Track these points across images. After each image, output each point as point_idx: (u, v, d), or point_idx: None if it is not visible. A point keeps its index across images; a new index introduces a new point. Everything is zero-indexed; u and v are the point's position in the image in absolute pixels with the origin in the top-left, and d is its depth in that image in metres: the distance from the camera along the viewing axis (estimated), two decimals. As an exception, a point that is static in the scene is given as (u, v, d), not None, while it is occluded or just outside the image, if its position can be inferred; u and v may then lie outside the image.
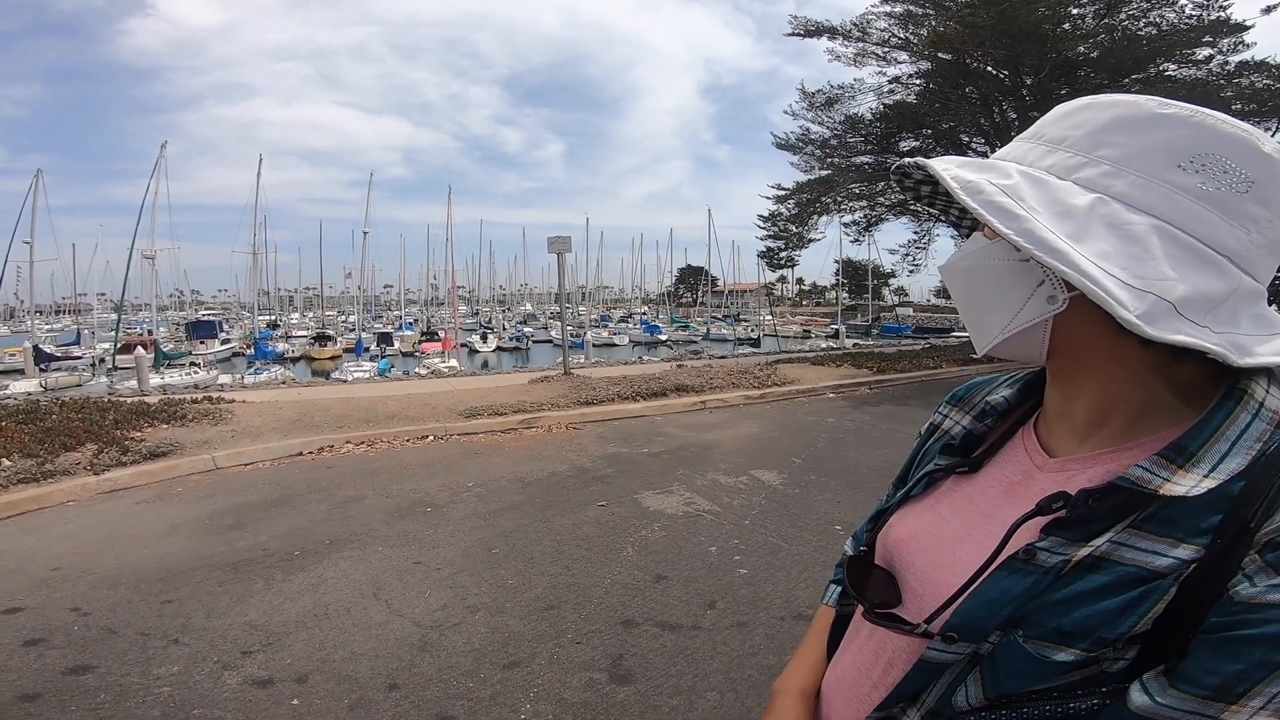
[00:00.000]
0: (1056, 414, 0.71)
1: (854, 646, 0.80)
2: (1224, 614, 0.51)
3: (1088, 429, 0.67)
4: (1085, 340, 0.62)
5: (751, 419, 8.87)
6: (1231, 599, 0.51)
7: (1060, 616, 0.56)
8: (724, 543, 4.49)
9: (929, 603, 0.66)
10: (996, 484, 0.73)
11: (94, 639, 3.44)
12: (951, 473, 0.78)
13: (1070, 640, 0.55)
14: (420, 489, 5.84)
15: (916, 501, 0.79)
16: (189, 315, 57.92)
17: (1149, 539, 0.55)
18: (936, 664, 0.63)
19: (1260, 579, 0.51)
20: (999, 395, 0.82)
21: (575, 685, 2.94)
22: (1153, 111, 0.60)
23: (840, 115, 18.60)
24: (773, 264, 23.61)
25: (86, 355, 32.96)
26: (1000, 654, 0.58)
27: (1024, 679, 0.57)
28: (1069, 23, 14.84)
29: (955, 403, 0.89)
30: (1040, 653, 0.56)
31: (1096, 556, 0.56)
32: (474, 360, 37.14)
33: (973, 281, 0.68)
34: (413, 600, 3.76)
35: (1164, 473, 0.56)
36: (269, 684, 3.00)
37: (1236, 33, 14.59)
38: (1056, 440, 0.70)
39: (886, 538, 0.78)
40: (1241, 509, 0.53)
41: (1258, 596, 0.50)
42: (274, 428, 7.85)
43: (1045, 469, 0.69)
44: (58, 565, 4.40)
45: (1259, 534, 0.52)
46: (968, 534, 0.70)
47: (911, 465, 0.90)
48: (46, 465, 6.19)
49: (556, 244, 11.92)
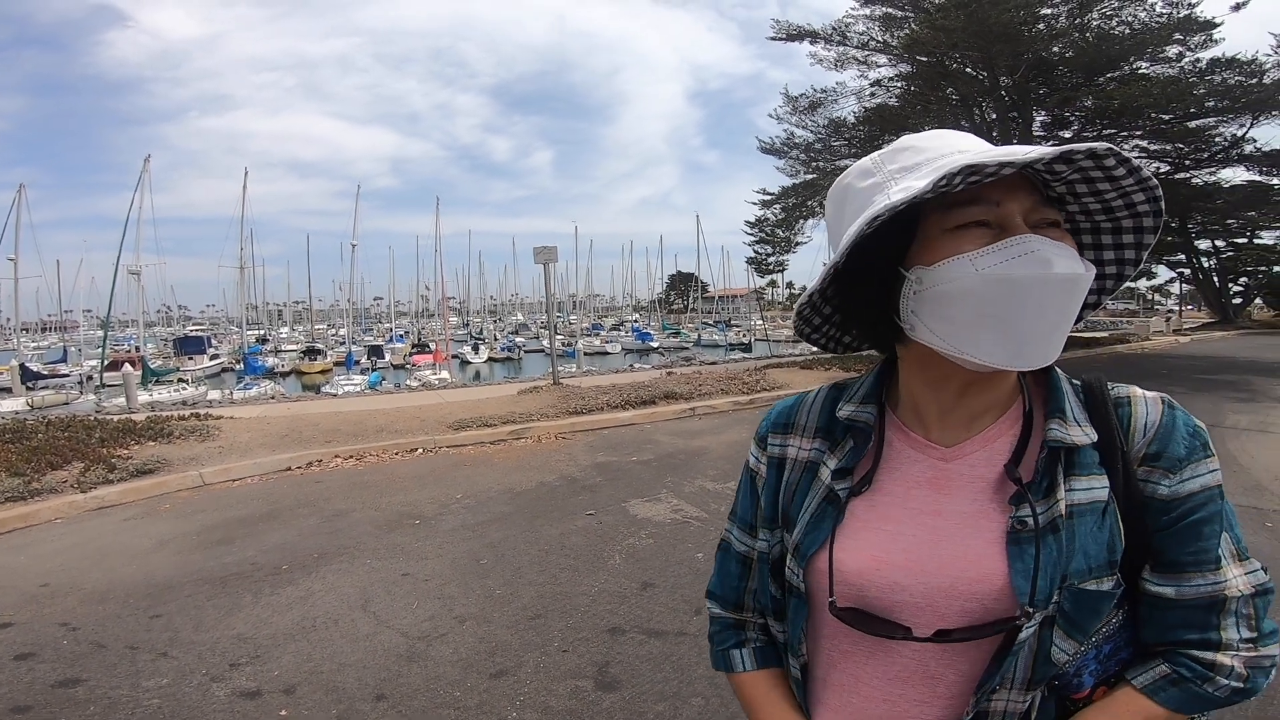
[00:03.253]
0: (940, 411, 0.77)
1: (849, 687, 0.78)
2: (1166, 512, 0.71)
3: (973, 417, 0.77)
4: None
5: (740, 425, 8.91)
6: (1161, 500, 0.71)
7: (1085, 558, 0.68)
8: (711, 549, 4.47)
9: (949, 605, 0.71)
10: (915, 486, 0.77)
11: (83, 653, 3.46)
12: (855, 493, 0.78)
13: (1100, 572, 0.69)
14: (409, 502, 5.85)
15: (843, 530, 0.77)
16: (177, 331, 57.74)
17: (1081, 479, 0.71)
18: (1024, 641, 0.68)
19: (1167, 481, 0.71)
20: (851, 412, 0.81)
21: (561, 693, 2.96)
22: None
23: (824, 119, 18.80)
24: (761, 269, 23.66)
25: (74, 373, 32.73)
26: (1071, 606, 0.68)
27: (1097, 614, 0.70)
28: (1042, 23, 15.05)
29: (784, 430, 0.88)
30: (1095, 588, 0.69)
31: (1069, 505, 0.70)
32: (466, 372, 37.13)
33: (1077, 294, 0.67)
34: (401, 611, 3.78)
35: (1066, 431, 0.72)
36: (257, 695, 3.02)
37: (1206, 30, 14.85)
38: (939, 434, 0.78)
39: (846, 574, 0.75)
40: (1110, 441, 0.72)
41: (1177, 492, 0.71)
42: (262, 443, 7.85)
43: (950, 459, 0.77)
44: (46, 581, 4.40)
45: (1132, 453, 0.72)
46: (935, 536, 0.73)
47: (775, 505, 0.87)
48: (33, 483, 6.19)
49: (542, 254, 11.95)
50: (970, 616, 0.70)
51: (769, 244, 21.60)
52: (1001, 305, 0.65)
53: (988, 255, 0.65)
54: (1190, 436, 0.72)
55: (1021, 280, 0.64)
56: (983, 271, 0.65)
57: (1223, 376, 12.62)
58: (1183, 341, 22.12)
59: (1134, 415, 0.74)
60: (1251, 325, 30.01)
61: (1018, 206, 0.67)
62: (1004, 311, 0.65)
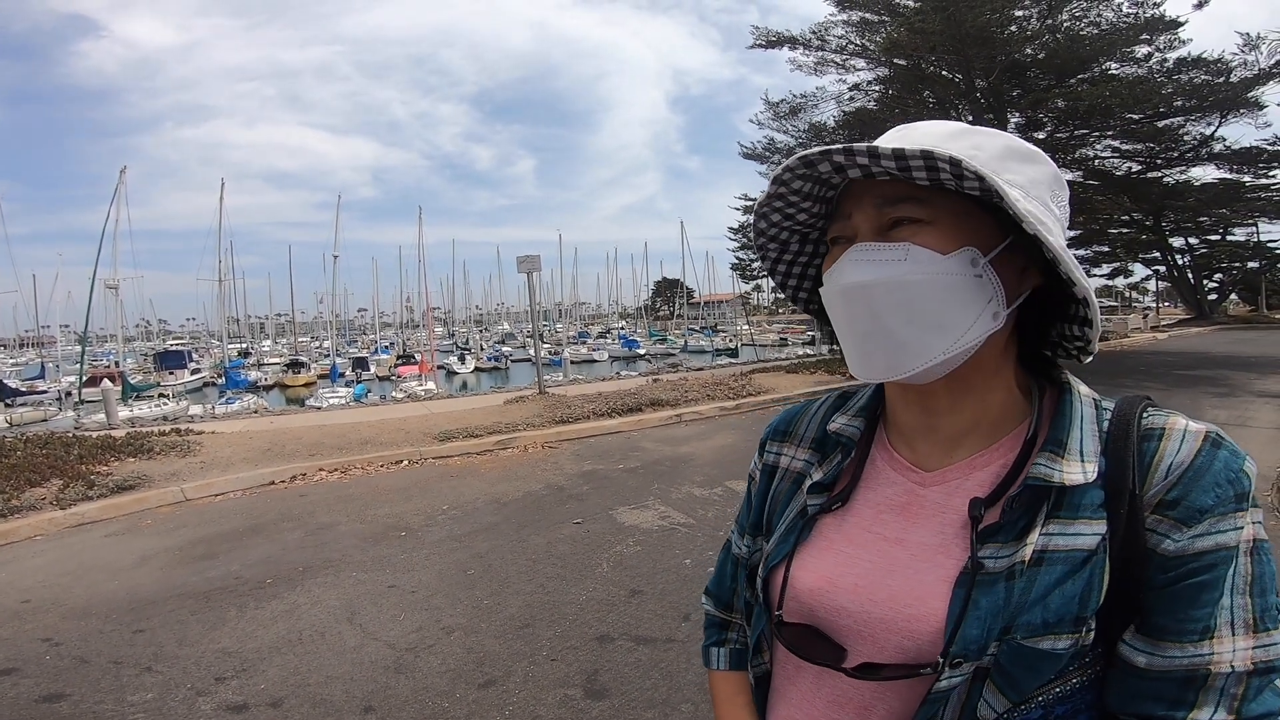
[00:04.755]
0: (916, 430, 0.74)
1: (797, 704, 0.76)
2: (1165, 570, 0.60)
3: (954, 440, 0.71)
4: (987, 356, 0.67)
5: (726, 430, 8.95)
6: (1164, 555, 0.60)
7: (1043, 611, 0.60)
8: (698, 555, 4.54)
9: (887, 639, 0.66)
10: (886, 510, 0.73)
11: (66, 668, 3.43)
12: (827, 510, 0.76)
13: (1058, 628, 0.60)
14: (395, 514, 5.82)
15: (807, 546, 0.75)
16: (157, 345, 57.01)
17: (1067, 524, 0.62)
18: (946, 691, 0.62)
19: (1176, 535, 0.60)
20: (840, 425, 0.80)
21: (550, 702, 2.96)
22: (1026, 148, 0.67)
23: (804, 124, 18.93)
24: (745, 275, 23.79)
25: (52, 389, 32.26)
26: (1008, 661, 0.60)
27: (1039, 674, 0.60)
28: (1015, 25, 15.29)
29: (782, 438, 0.88)
30: (1041, 647, 0.60)
31: (1039, 551, 0.61)
32: (452, 382, 36.89)
33: (916, 298, 0.63)
34: (387, 623, 3.76)
35: (1057, 466, 0.63)
36: (243, 709, 2.99)
37: (1171, 29, 15.16)
38: (922, 455, 0.73)
39: (798, 590, 0.73)
40: (1120, 481, 0.62)
41: (1185, 549, 0.59)
42: (244, 458, 7.78)
43: (927, 484, 0.71)
44: (27, 598, 4.36)
45: (1146, 497, 0.61)
46: (889, 564, 0.69)
47: (763, 511, 0.86)
48: (12, 501, 6.10)
49: (525, 263, 11.95)
50: (905, 654, 0.65)
51: (751, 249, 21.73)
52: (836, 322, 0.70)
53: (828, 274, 0.69)
54: (1225, 484, 0.60)
55: (830, 297, 0.68)
56: (826, 288, 0.69)
57: (1200, 372, 12.83)
58: (1160, 338, 22.50)
59: (1160, 453, 0.62)
60: (1227, 320, 30.54)
61: (863, 217, 0.67)
62: (838, 328, 0.70)
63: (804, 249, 0.80)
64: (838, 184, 0.70)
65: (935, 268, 0.62)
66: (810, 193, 0.71)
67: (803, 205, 0.72)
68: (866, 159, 0.61)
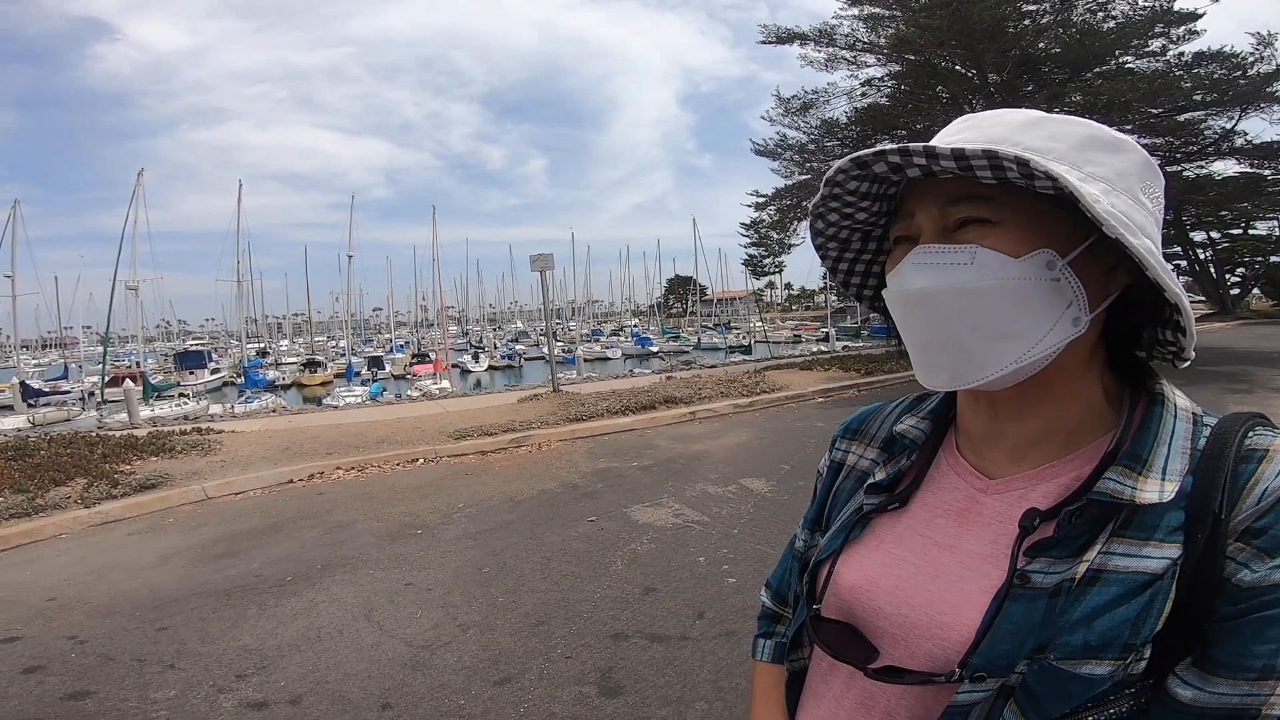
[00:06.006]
0: (984, 437, 0.70)
1: (827, 703, 0.74)
2: (1236, 601, 0.54)
3: (1023, 448, 0.67)
4: (1067, 363, 0.63)
5: (740, 427, 8.94)
6: (1237, 586, 0.54)
7: (1086, 633, 0.56)
8: (712, 553, 4.55)
9: (919, 645, 0.64)
10: (942, 514, 0.70)
11: (91, 665, 3.50)
12: (883, 510, 0.74)
13: (1100, 653, 0.55)
14: (411, 512, 5.88)
15: (857, 544, 0.74)
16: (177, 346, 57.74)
17: (1134, 544, 0.58)
18: (966, 705, 0.59)
19: (1257, 565, 0.54)
20: (907, 426, 0.78)
21: (565, 699, 2.99)
22: (1111, 135, 0.62)
23: (816, 120, 18.79)
24: (757, 272, 23.72)
25: (75, 389, 32.79)
26: (1036, 681, 0.57)
27: (1067, 699, 0.56)
28: (1027, 19, 15.11)
29: (852, 436, 0.87)
30: (1076, 671, 0.55)
31: (1095, 570, 0.57)
32: (467, 380, 37.13)
33: (984, 305, 0.59)
34: (404, 621, 3.81)
35: (1130, 482, 0.59)
36: (264, 706, 3.04)
37: (1187, 21, 14.93)
38: (989, 462, 0.70)
39: (839, 587, 0.72)
40: (1204, 504, 0.57)
41: (1263, 580, 0.54)
42: (264, 456, 7.87)
43: (990, 492, 0.68)
44: (53, 596, 4.44)
45: (1233, 523, 0.56)
46: (935, 569, 0.67)
47: (825, 507, 0.85)
48: (37, 500, 6.22)
49: (539, 262, 11.96)
50: (934, 662, 0.62)
51: (763, 246, 21.68)
52: (900, 326, 0.67)
53: (891, 276, 0.66)
54: None
55: (892, 300, 0.66)
56: (889, 291, 0.67)
57: (1222, 367, 12.64)
58: (1181, 334, 22.09)
59: (1257, 476, 0.57)
60: (1250, 315, 30.06)
61: (926, 216, 0.63)
62: (902, 332, 0.67)
63: (866, 246, 0.77)
64: (898, 181, 0.67)
65: (1006, 273, 0.58)
66: (869, 192, 0.69)
67: (861, 205, 0.70)
68: (924, 159, 0.58)
